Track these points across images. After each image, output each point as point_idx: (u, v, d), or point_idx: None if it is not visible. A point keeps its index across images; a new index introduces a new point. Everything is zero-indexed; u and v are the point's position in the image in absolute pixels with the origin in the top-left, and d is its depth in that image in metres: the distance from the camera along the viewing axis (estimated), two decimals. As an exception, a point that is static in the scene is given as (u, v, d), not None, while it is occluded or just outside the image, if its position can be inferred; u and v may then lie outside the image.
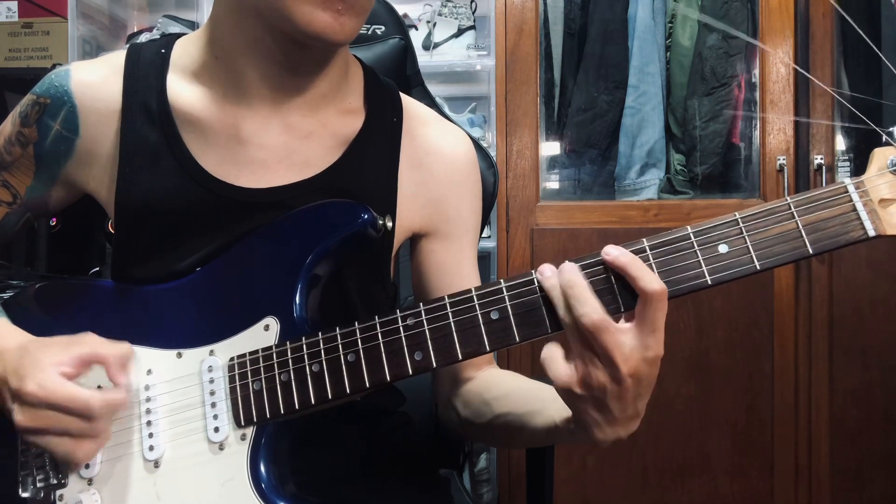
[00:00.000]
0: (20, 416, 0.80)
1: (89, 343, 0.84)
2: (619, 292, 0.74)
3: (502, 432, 0.98)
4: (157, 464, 0.87)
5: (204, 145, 0.95)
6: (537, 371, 0.77)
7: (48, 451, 0.82)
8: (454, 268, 1.05)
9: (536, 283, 0.76)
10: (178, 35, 1.02)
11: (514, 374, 1.04)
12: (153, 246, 0.95)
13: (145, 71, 0.97)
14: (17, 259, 2.04)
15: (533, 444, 1.11)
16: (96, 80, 0.96)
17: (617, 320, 0.73)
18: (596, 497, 2.26)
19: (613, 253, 0.73)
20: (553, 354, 0.75)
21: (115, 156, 0.96)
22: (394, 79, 1.10)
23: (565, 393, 0.76)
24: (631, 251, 0.74)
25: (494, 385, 1.01)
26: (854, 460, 2.20)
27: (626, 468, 2.25)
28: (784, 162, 2.21)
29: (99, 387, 0.86)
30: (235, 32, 0.92)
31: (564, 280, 0.74)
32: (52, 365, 0.81)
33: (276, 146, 0.95)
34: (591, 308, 0.71)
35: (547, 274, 0.76)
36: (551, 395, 0.86)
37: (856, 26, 2.06)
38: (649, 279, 0.71)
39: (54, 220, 2.03)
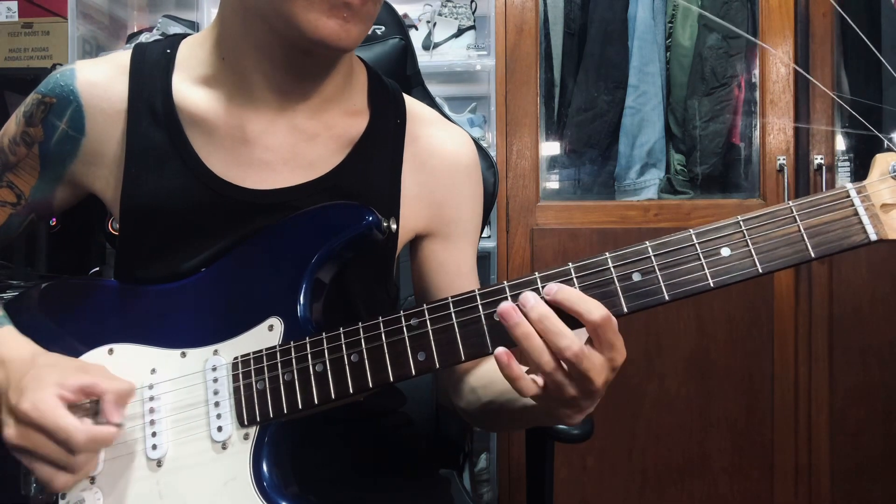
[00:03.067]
0: (10, 430, 0.81)
1: (95, 374, 0.85)
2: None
3: (490, 418, 1.01)
4: (159, 463, 0.87)
5: (209, 146, 0.95)
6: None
7: (29, 470, 0.83)
8: (454, 269, 1.05)
9: (539, 285, 0.77)
10: (183, 35, 1.02)
11: None
12: (158, 246, 0.95)
13: (150, 71, 0.97)
14: (18, 259, 2.04)
15: (518, 428, 1.14)
16: (102, 80, 0.96)
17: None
18: (596, 497, 2.26)
19: (552, 290, 0.75)
20: (515, 373, 0.75)
21: (120, 156, 0.96)
22: (394, 79, 1.10)
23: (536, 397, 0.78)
24: (633, 251, 0.75)
25: (482, 374, 1.03)
26: (854, 460, 2.20)
27: (626, 468, 2.25)
28: (784, 162, 2.22)
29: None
30: (241, 36, 0.92)
31: (534, 313, 0.74)
32: (52, 385, 0.81)
33: (282, 148, 0.96)
34: (571, 339, 0.73)
35: (517, 320, 0.74)
36: None
37: (856, 28, 2.06)
38: (590, 309, 0.73)
39: (54, 220, 2.03)
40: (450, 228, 1.05)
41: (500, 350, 0.75)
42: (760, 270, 0.73)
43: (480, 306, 0.78)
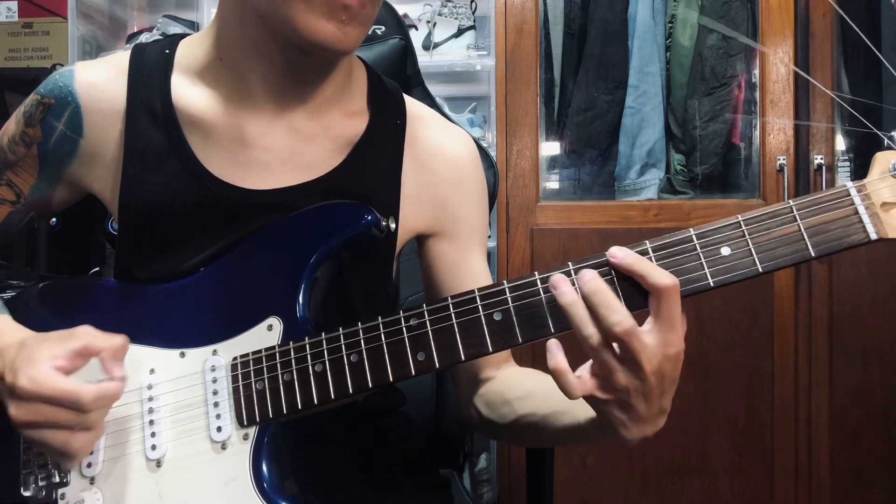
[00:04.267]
0: (15, 410, 0.80)
1: (83, 336, 0.84)
2: (622, 296, 0.74)
3: (526, 432, 0.97)
4: (159, 463, 0.87)
5: (208, 147, 0.95)
6: (539, 370, 0.77)
7: (44, 445, 0.81)
8: (464, 268, 1.05)
9: (540, 285, 0.77)
10: (182, 35, 1.02)
11: (536, 372, 1.02)
12: (157, 246, 0.95)
13: (149, 71, 0.97)
14: (17, 259, 2.04)
15: (560, 444, 1.11)
16: (100, 81, 0.97)
17: None
18: (596, 497, 2.26)
19: (619, 255, 0.73)
20: (560, 366, 0.72)
21: (119, 156, 0.96)
22: (394, 79, 1.10)
23: (587, 398, 0.76)
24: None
25: (516, 385, 1.00)
26: (854, 460, 2.20)
27: (626, 468, 2.25)
28: (784, 162, 2.22)
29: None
30: (240, 36, 0.92)
31: (589, 286, 0.72)
32: (45, 359, 0.80)
33: (280, 148, 0.96)
34: (622, 315, 0.70)
35: (564, 289, 0.73)
36: None
37: (857, 29, 2.06)
38: (659, 275, 0.71)
39: (54, 220, 2.02)
40: (457, 227, 1.04)
41: (552, 341, 0.73)
42: (761, 270, 0.73)
43: (480, 307, 0.78)
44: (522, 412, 0.96)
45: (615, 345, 0.71)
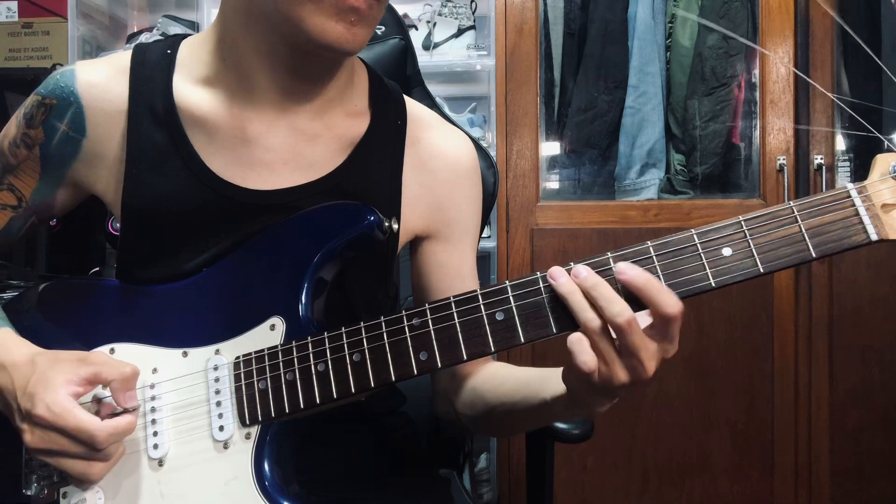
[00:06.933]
0: (30, 437, 0.82)
1: (96, 363, 0.85)
2: (622, 295, 0.75)
3: (497, 420, 1.00)
4: (161, 462, 0.87)
5: (210, 147, 0.95)
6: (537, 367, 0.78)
7: (60, 468, 0.84)
8: (454, 270, 1.05)
9: (542, 285, 0.77)
10: (184, 36, 1.02)
11: (506, 365, 1.05)
12: (159, 247, 0.95)
13: (151, 72, 0.97)
14: (17, 259, 2.04)
15: (527, 428, 1.15)
16: (102, 81, 0.96)
17: None
18: (596, 497, 2.26)
19: (629, 273, 0.74)
20: (581, 339, 0.75)
21: (121, 157, 0.96)
22: (394, 79, 1.10)
23: (582, 381, 0.77)
24: (634, 251, 0.75)
25: (488, 378, 1.02)
26: (854, 460, 2.20)
27: (626, 468, 2.25)
28: (784, 162, 2.22)
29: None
30: (244, 37, 0.92)
31: (588, 282, 0.74)
32: (61, 385, 0.81)
33: (283, 148, 0.96)
34: (622, 306, 0.72)
35: (563, 280, 0.75)
36: (541, 375, 0.89)
37: (858, 39, 2.06)
38: (666, 302, 0.72)
39: (54, 220, 2.03)
40: (450, 230, 1.05)
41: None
42: (762, 270, 0.73)
43: (482, 306, 0.79)
44: (494, 402, 0.98)
45: (616, 335, 0.73)
